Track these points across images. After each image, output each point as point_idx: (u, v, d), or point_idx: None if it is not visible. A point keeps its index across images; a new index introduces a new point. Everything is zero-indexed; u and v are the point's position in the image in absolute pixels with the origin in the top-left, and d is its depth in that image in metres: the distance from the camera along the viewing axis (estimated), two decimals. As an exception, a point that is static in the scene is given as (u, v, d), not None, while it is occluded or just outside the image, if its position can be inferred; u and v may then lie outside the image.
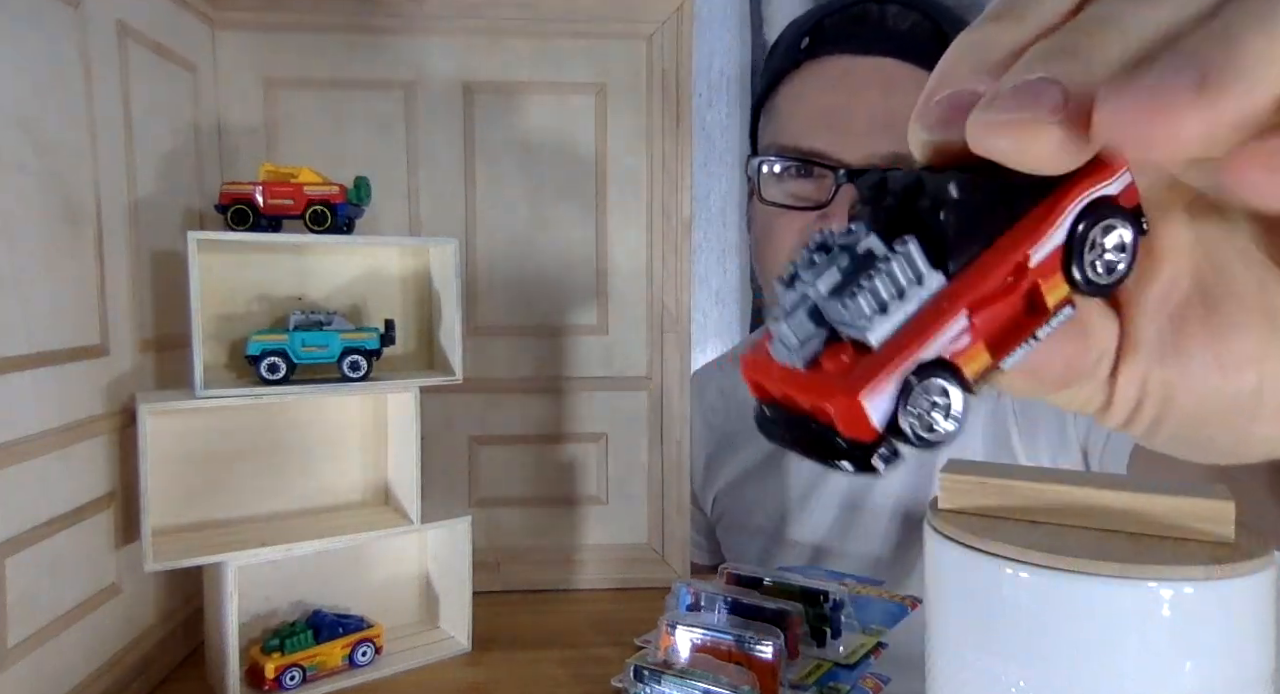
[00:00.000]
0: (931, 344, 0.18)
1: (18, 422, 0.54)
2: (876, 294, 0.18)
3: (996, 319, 0.19)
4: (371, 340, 0.70)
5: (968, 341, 0.18)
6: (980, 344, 0.18)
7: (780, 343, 0.19)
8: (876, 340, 0.18)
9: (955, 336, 0.18)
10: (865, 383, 0.18)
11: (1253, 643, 0.40)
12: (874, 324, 0.18)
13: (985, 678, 0.43)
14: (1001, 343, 0.19)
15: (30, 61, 0.55)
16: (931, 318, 0.18)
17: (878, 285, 0.18)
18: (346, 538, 0.70)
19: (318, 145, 0.86)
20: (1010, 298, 0.18)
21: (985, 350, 0.18)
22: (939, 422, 0.18)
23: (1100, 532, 0.39)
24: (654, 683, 0.56)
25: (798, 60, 0.95)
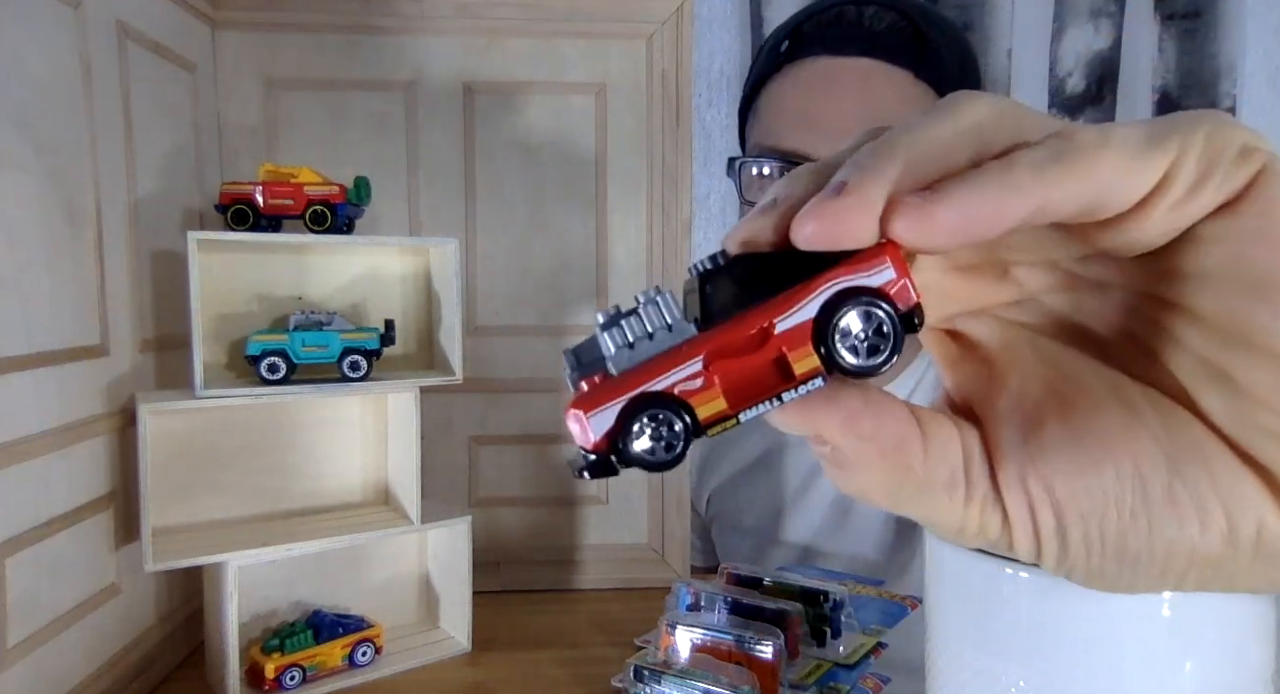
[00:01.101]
0: (662, 379, 0.20)
1: (18, 422, 0.54)
2: (625, 331, 0.21)
3: (737, 373, 0.20)
4: (371, 340, 0.70)
5: (700, 385, 0.20)
6: (715, 390, 0.20)
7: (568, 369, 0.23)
8: (615, 369, 0.21)
9: (688, 377, 0.20)
10: (588, 401, 0.21)
11: (1253, 643, 0.40)
12: (615, 357, 0.21)
13: (985, 678, 0.43)
14: (741, 395, 0.20)
15: (30, 61, 0.55)
16: (670, 358, 0.20)
17: (626, 327, 0.21)
18: (346, 538, 0.70)
19: (318, 145, 0.86)
20: (754, 358, 0.20)
21: (721, 397, 0.20)
22: (657, 448, 0.20)
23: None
24: (654, 683, 0.56)
25: (779, 63, 0.96)
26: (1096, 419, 0.21)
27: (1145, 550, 0.21)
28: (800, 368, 0.20)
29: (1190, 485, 0.20)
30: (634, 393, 0.20)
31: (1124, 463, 0.20)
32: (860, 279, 0.20)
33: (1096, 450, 0.21)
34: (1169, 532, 0.20)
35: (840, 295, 0.20)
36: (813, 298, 0.20)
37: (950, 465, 0.21)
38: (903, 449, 0.20)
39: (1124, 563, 0.21)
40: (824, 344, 0.20)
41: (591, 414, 0.20)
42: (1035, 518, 0.21)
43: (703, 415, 0.20)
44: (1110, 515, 0.20)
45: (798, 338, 0.20)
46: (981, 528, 0.22)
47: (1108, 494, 0.20)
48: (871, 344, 0.20)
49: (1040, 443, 0.21)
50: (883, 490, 0.21)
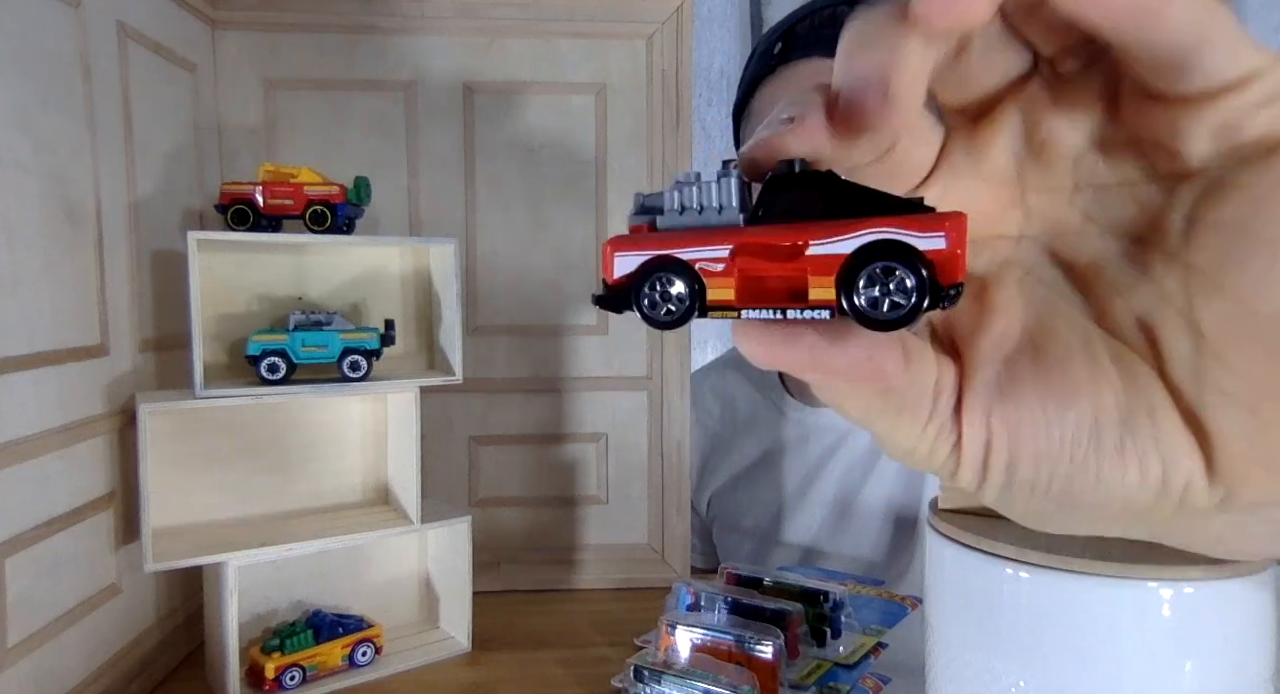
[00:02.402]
0: (688, 250, 0.21)
1: (18, 422, 0.54)
2: (683, 195, 0.22)
3: (756, 273, 0.21)
4: (371, 340, 0.70)
5: (720, 270, 0.21)
6: (730, 280, 0.21)
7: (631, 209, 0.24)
8: (660, 224, 0.22)
9: (712, 259, 0.21)
10: (624, 243, 0.22)
11: (1253, 643, 0.40)
12: (666, 216, 0.22)
13: (985, 678, 0.43)
14: (750, 294, 0.21)
15: (30, 61, 0.55)
16: (706, 236, 0.21)
17: (689, 192, 0.22)
18: (346, 538, 0.70)
19: (318, 145, 0.86)
20: (777, 267, 0.21)
21: (732, 288, 0.21)
22: (659, 308, 0.22)
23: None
24: (654, 683, 0.56)
25: (772, 65, 0.96)
26: (1067, 369, 0.22)
27: (1087, 496, 0.22)
28: (814, 293, 0.20)
29: (1138, 439, 0.21)
30: (661, 251, 0.21)
31: (1085, 413, 0.21)
32: (910, 236, 0.20)
33: (1063, 398, 0.21)
34: (1111, 480, 0.21)
35: (883, 245, 0.20)
36: (855, 236, 0.20)
37: (920, 391, 0.22)
38: (877, 376, 0.21)
39: (1063, 506, 0.22)
40: (845, 283, 0.20)
41: (619, 254, 0.22)
42: (989, 453, 0.22)
43: (710, 297, 0.21)
44: (1062, 460, 0.21)
45: (824, 266, 0.20)
46: (931, 452, 0.22)
47: (1064, 441, 0.21)
48: (893, 301, 0.20)
49: (1012, 385, 0.22)
50: (857, 407, 0.22)
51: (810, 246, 0.20)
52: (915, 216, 0.20)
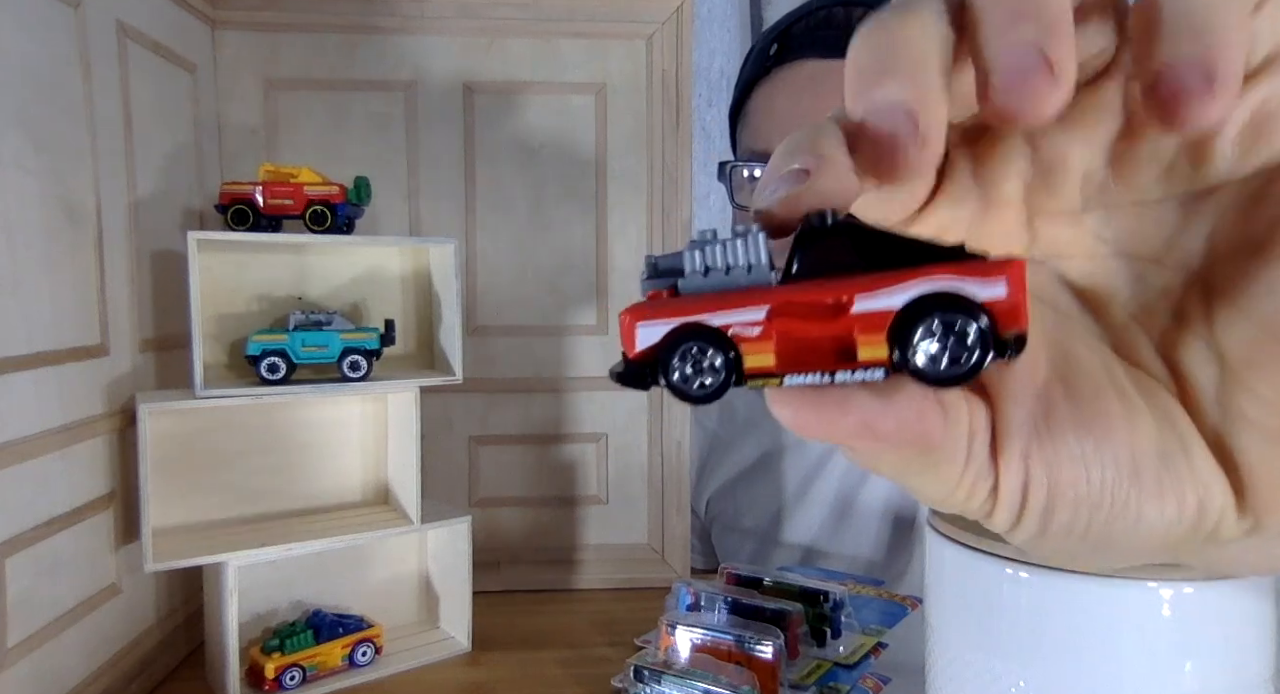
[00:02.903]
0: (722, 315, 0.19)
1: (18, 422, 0.54)
2: (706, 256, 0.20)
3: (798, 336, 0.19)
4: (371, 340, 0.70)
5: (757, 334, 0.19)
6: (769, 344, 0.19)
7: (644, 273, 0.22)
8: (681, 288, 0.20)
9: (747, 323, 0.19)
10: (646, 312, 0.20)
11: (1253, 644, 0.40)
12: (688, 278, 0.20)
13: (985, 678, 0.43)
14: (793, 359, 0.19)
15: (30, 61, 0.55)
16: (737, 298, 0.20)
17: (711, 251, 0.20)
18: (346, 538, 0.70)
19: (318, 145, 0.86)
20: (820, 326, 0.19)
21: (772, 353, 0.19)
22: (692, 382, 0.20)
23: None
24: (654, 683, 0.56)
25: (767, 67, 0.96)
26: (1100, 403, 0.21)
27: (1125, 536, 0.21)
28: (865, 353, 0.19)
29: (1175, 474, 0.20)
30: (689, 318, 0.20)
31: (1123, 450, 0.20)
32: (967, 286, 0.18)
33: (1101, 435, 0.20)
34: (1151, 519, 0.20)
35: (937, 298, 0.19)
36: (905, 287, 0.19)
37: (956, 439, 0.21)
38: (923, 437, 0.19)
39: (1098, 547, 0.21)
40: (899, 340, 0.19)
41: (641, 324, 0.20)
42: (1026, 497, 0.21)
43: (748, 365, 0.20)
44: (1104, 503, 0.20)
45: (873, 323, 0.19)
46: (968, 497, 0.21)
47: (1105, 481, 0.20)
48: (954, 355, 0.19)
49: (1049, 426, 0.21)
50: (893, 464, 0.21)
51: (856, 302, 0.19)
52: (970, 264, 0.19)
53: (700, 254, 0.20)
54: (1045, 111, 0.18)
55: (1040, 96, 0.18)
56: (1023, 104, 0.18)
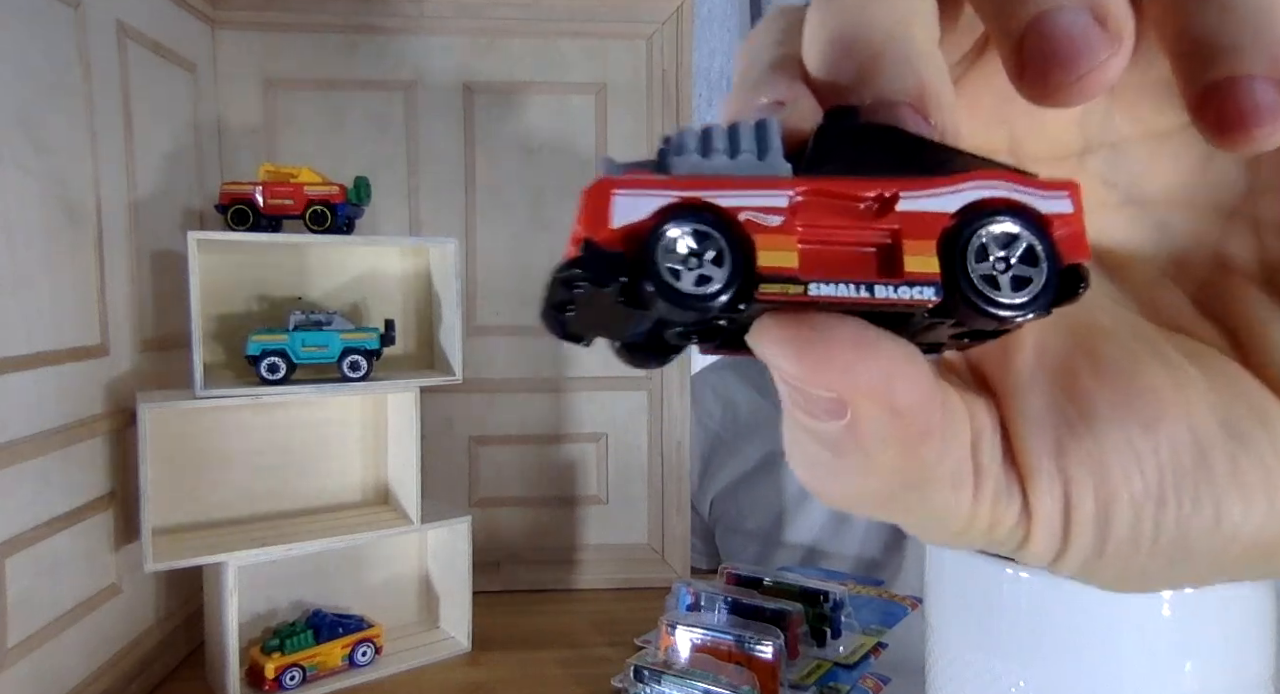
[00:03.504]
0: (730, 194, 0.15)
1: (18, 422, 0.54)
2: (708, 136, 0.16)
3: (828, 233, 0.15)
4: (371, 340, 0.70)
5: (777, 223, 0.15)
6: (792, 238, 0.15)
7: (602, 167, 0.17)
8: (675, 169, 0.16)
9: (764, 208, 0.15)
10: (630, 182, 0.15)
11: (1253, 644, 0.40)
12: (679, 158, 0.16)
13: (985, 678, 0.43)
14: (822, 261, 0.15)
15: (30, 61, 0.55)
16: (750, 181, 0.15)
17: (713, 130, 0.16)
18: (346, 538, 0.70)
19: (318, 145, 0.86)
20: (857, 225, 0.15)
21: (795, 250, 0.15)
22: (686, 275, 0.14)
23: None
24: (654, 683, 0.56)
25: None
26: (1142, 376, 0.16)
27: (1205, 540, 0.16)
28: (913, 264, 0.15)
29: (1254, 454, 0.16)
30: (689, 192, 0.15)
31: (1179, 430, 0.16)
32: (1027, 195, 0.15)
33: (1150, 417, 0.16)
34: (1234, 515, 0.16)
35: (994, 203, 0.15)
36: (959, 188, 0.15)
37: (958, 452, 0.16)
38: (930, 435, 0.15)
39: (1176, 558, 0.16)
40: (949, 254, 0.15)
41: (621, 192, 0.15)
42: (1070, 506, 0.16)
43: (764, 262, 0.15)
44: (1170, 499, 0.16)
45: (923, 226, 0.15)
46: (991, 526, 0.16)
47: (1164, 471, 0.16)
48: (1018, 275, 0.15)
49: (1079, 411, 0.16)
50: (879, 494, 0.16)
51: (901, 198, 0.15)
52: (1026, 175, 0.15)
53: (697, 133, 0.16)
54: (1100, 83, 0.14)
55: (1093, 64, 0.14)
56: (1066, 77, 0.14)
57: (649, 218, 0.15)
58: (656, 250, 0.14)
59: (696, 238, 0.15)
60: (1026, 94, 0.15)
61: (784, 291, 0.15)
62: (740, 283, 0.15)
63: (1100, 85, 0.14)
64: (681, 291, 0.14)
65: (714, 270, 0.15)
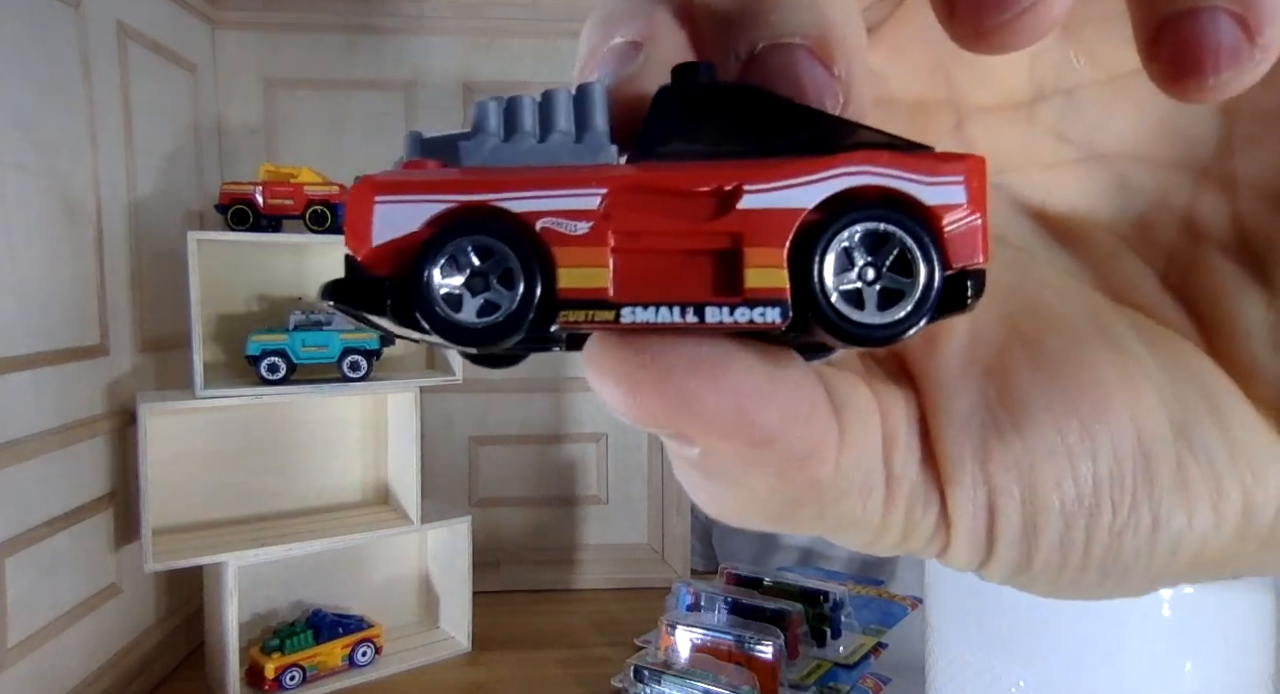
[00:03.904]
0: (524, 195, 0.12)
1: (18, 422, 0.54)
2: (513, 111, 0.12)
3: (649, 241, 0.12)
4: (371, 340, 0.70)
5: (583, 232, 0.12)
6: (603, 250, 0.12)
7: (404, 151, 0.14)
8: (465, 155, 0.13)
9: (569, 213, 0.12)
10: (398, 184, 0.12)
11: (1252, 644, 0.40)
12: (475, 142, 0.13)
13: (985, 678, 0.43)
14: (640, 279, 0.12)
15: (30, 61, 0.55)
16: (556, 176, 0.12)
17: (520, 104, 0.13)
18: (346, 538, 0.70)
19: (318, 145, 0.86)
20: (687, 229, 0.12)
21: (607, 266, 0.12)
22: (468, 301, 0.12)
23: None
24: (654, 683, 0.56)
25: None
26: (1085, 368, 0.15)
27: (1143, 554, 0.15)
28: (756, 278, 0.12)
29: (1203, 457, 0.14)
30: (470, 197, 0.12)
31: (1123, 431, 0.14)
32: (907, 181, 0.12)
33: (1089, 415, 0.14)
34: (1175, 525, 0.14)
35: (864, 193, 0.12)
36: (821, 177, 0.12)
37: (868, 459, 0.14)
38: (814, 455, 0.13)
39: (1109, 574, 0.15)
40: (803, 262, 0.12)
41: (384, 201, 0.12)
42: (994, 517, 0.14)
43: (565, 284, 0.12)
44: (1103, 508, 0.14)
45: (770, 229, 0.12)
46: (905, 535, 0.15)
47: (1102, 478, 0.14)
48: (888, 287, 0.12)
49: (1010, 409, 0.14)
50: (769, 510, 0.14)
51: (745, 193, 0.12)
52: (912, 154, 0.12)
53: (501, 107, 0.13)
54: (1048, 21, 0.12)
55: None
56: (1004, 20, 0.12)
57: (420, 230, 0.12)
58: (425, 275, 0.12)
59: (479, 254, 0.12)
60: (957, 39, 0.12)
61: (590, 318, 0.12)
62: (536, 310, 0.12)
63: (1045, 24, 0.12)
64: (461, 324, 0.12)
65: (502, 294, 0.12)
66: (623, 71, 0.13)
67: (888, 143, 0.12)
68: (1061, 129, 0.17)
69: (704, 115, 0.12)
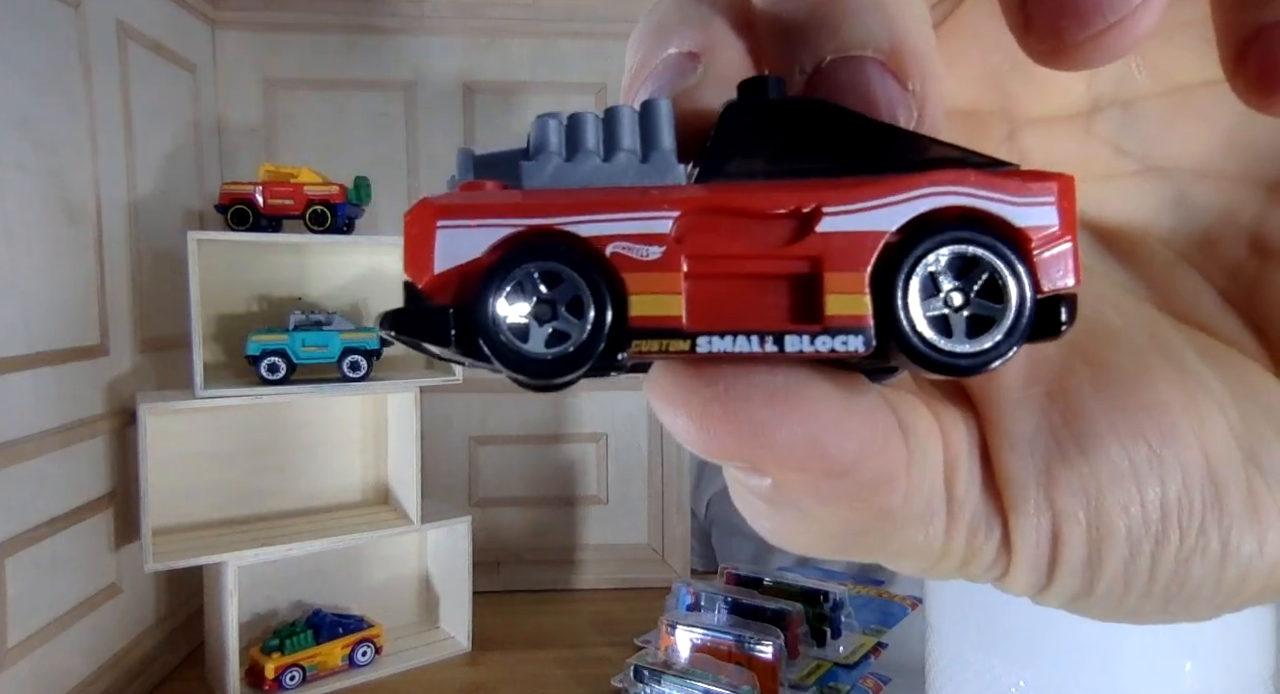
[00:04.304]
0: (592, 219, 0.11)
1: (18, 422, 0.54)
2: (576, 128, 0.12)
3: (725, 267, 0.12)
4: (371, 340, 0.70)
5: (656, 257, 0.11)
6: (677, 277, 0.11)
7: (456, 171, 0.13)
8: (526, 177, 0.12)
9: (639, 238, 0.11)
10: (459, 207, 0.11)
11: (1252, 644, 0.40)
12: (538, 162, 0.12)
13: (985, 678, 0.43)
14: (716, 306, 0.11)
15: (30, 61, 0.55)
16: (624, 197, 0.11)
17: (583, 120, 0.12)
18: (346, 538, 0.70)
19: (318, 145, 0.86)
20: (764, 254, 0.12)
21: (680, 293, 0.11)
22: (532, 337, 0.11)
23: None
24: (654, 683, 0.56)
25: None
26: (1150, 388, 0.14)
27: (1210, 581, 0.14)
28: (837, 305, 0.11)
29: (1274, 480, 0.14)
30: (536, 221, 0.11)
31: (1191, 454, 0.14)
32: (996, 202, 0.11)
33: (1157, 439, 0.14)
34: (1246, 551, 0.14)
35: (950, 214, 0.11)
36: (902, 197, 0.11)
37: (930, 484, 0.14)
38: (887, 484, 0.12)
39: (1174, 599, 0.14)
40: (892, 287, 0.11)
41: (447, 224, 0.11)
42: (1058, 543, 0.14)
43: (637, 312, 0.11)
44: (1172, 535, 0.14)
45: (852, 253, 0.11)
46: (965, 561, 0.14)
47: (1169, 503, 0.13)
48: (977, 313, 0.11)
49: (1075, 432, 0.14)
50: (834, 539, 0.13)
51: (824, 216, 0.11)
52: (997, 172, 0.12)
53: (562, 124, 0.12)
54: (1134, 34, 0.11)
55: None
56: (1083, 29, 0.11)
57: (484, 255, 0.11)
58: (491, 304, 0.11)
59: (547, 281, 0.11)
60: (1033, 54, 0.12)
61: (665, 348, 0.11)
62: (608, 340, 0.11)
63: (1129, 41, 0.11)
64: (529, 355, 0.11)
65: (572, 323, 0.11)
66: (680, 85, 0.12)
67: (971, 159, 0.12)
68: (1119, 141, 0.16)
69: (775, 132, 0.12)
